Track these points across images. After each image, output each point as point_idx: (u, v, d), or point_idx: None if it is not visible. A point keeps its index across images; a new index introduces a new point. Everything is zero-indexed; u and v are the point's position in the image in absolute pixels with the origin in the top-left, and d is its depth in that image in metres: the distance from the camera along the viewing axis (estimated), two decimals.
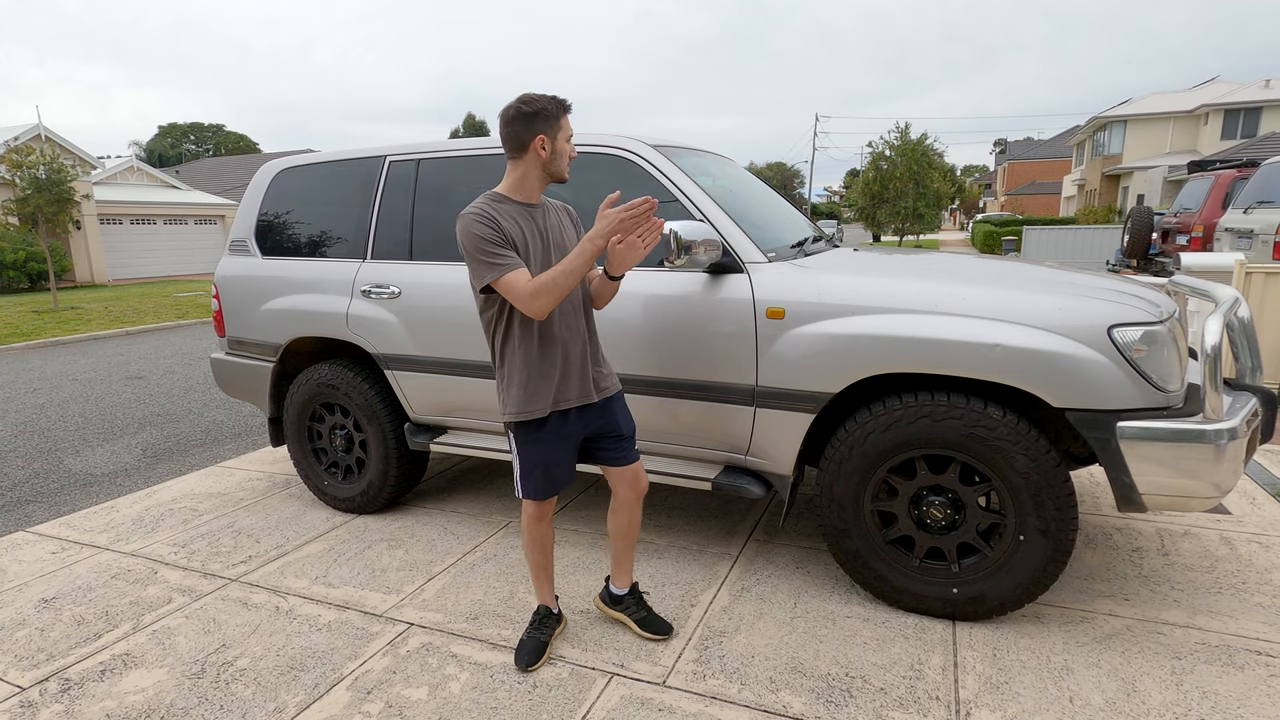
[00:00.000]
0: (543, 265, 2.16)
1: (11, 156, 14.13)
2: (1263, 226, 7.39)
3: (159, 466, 4.70)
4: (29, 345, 10.20)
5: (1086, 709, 2.06)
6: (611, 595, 2.57)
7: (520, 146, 2.12)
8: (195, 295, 16.86)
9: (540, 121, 2.09)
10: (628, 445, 2.38)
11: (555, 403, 2.21)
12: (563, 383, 2.22)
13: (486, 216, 2.06)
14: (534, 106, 2.08)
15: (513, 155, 2.15)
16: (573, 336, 2.22)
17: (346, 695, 2.26)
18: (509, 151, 2.14)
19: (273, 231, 3.73)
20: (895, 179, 24.18)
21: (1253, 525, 3.18)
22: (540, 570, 2.45)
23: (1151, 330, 2.20)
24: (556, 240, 2.22)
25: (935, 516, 2.47)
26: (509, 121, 2.10)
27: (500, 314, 2.16)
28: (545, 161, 2.14)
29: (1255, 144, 20.54)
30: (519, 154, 2.13)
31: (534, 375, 2.18)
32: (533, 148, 2.11)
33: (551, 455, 2.26)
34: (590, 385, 2.28)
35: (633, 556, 2.54)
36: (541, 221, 2.20)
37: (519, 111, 2.08)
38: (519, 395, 2.19)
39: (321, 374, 3.55)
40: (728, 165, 3.56)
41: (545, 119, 2.09)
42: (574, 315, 2.23)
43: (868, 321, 2.42)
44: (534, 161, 2.14)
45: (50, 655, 2.53)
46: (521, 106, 2.08)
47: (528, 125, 2.09)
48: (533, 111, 2.08)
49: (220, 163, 39.10)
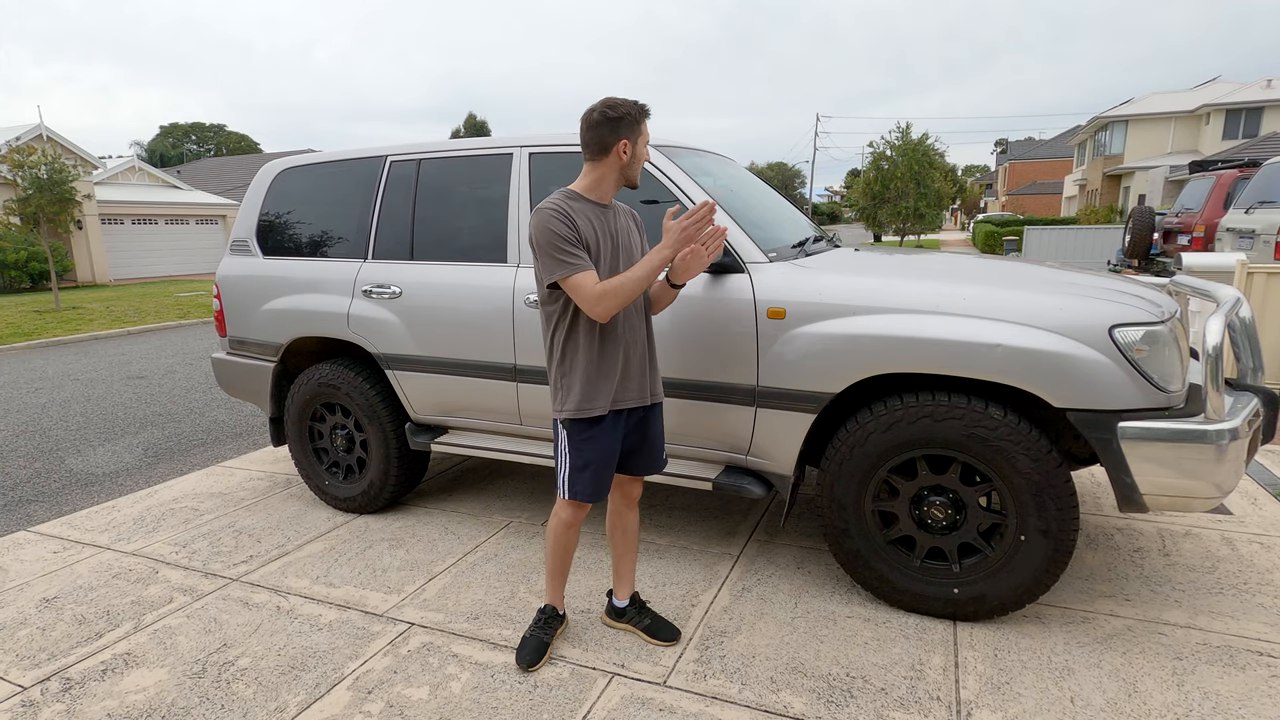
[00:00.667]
0: (610, 268, 2.18)
1: (13, 156, 14.14)
2: (1264, 226, 7.39)
3: (160, 466, 4.70)
4: (30, 345, 10.21)
5: (1088, 709, 2.06)
6: (615, 609, 2.57)
7: (603, 149, 2.14)
8: (196, 295, 16.87)
9: (625, 126, 2.12)
10: (660, 455, 2.41)
11: (615, 402, 2.22)
12: (623, 383, 2.23)
13: (564, 214, 2.08)
14: (619, 111, 2.11)
15: (593, 157, 2.17)
16: (634, 338, 2.25)
17: (347, 695, 2.26)
18: (590, 153, 2.17)
19: (274, 231, 3.74)
20: (896, 179, 24.15)
21: (1254, 526, 3.18)
22: (559, 573, 2.45)
23: (1153, 330, 2.20)
24: (624, 244, 2.24)
25: (936, 517, 2.47)
26: (594, 125, 2.13)
27: (564, 311, 2.17)
28: (624, 165, 2.17)
29: (1257, 144, 20.52)
30: (600, 156, 2.16)
31: (596, 374, 2.18)
32: (615, 151, 2.14)
33: (606, 456, 2.26)
34: (647, 388, 2.31)
35: (634, 567, 2.55)
36: (612, 224, 2.22)
37: (604, 116, 2.11)
38: (579, 392, 2.18)
39: (322, 374, 3.55)
40: (728, 165, 3.56)
41: (629, 124, 2.13)
42: (636, 317, 2.26)
43: (869, 321, 2.42)
44: (614, 164, 2.16)
45: (51, 655, 2.53)
46: (607, 111, 2.11)
47: (613, 129, 2.12)
48: (618, 116, 2.11)
49: (221, 163, 39.11)
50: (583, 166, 2.21)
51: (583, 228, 2.11)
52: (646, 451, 2.38)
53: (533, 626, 2.45)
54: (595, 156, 2.16)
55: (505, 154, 3.15)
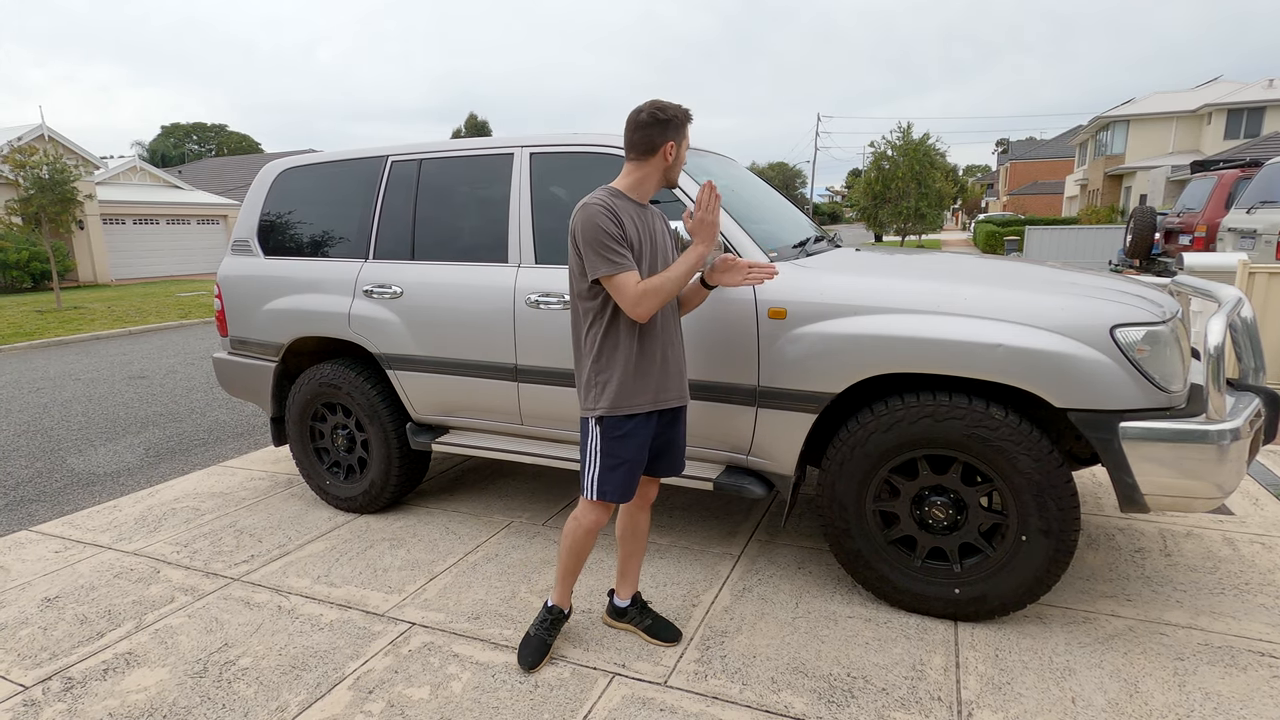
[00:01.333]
0: (650, 268, 2.20)
1: (15, 156, 14.16)
2: (1266, 226, 7.38)
3: (161, 466, 4.71)
4: (32, 345, 10.22)
5: (1089, 710, 2.06)
6: (616, 609, 2.57)
7: (650, 150, 2.16)
8: (198, 295, 16.89)
9: (672, 129, 2.15)
10: (682, 456, 2.43)
11: (656, 401, 2.23)
12: (662, 381, 2.24)
13: (612, 212, 2.09)
14: (668, 114, 2.14)
15: (639, 157, 2.18)
16: (669, 338, 2.27)
17: (348, 695, 2.26)
18: (635, 154, 2.18)
19: (275, 231, 3.74)
20: (897, 179, 24.15)
21: (1255, 526, 3.18)
22: (571, 574, 2.43)
23: (1154, 330, 2.20)
24: (660, 245, 2.27)
25: (937, 517, 2.47)
26: (642, 126, 2.15)
27: (604, 308, 2.16)
28: (668, 167, 2.20)
29: (1258, 144, 20.48)
30: (647, 156, 2.17)
31: (636, 371, 2.18)
32: (661, 152, 2.16)
33: (641, 454, 2.24)
34: (685, 388, 2.33)
35: (639, 568, 2.55)
36: (651, 223, 2.25)
37: (654, 117, 2.14)
38: (616, 389, 2.17)
39: (323, 374, 3.55)
40: (729, 165, 3.56)
41: (676, 127, 2.16)
42: (672, 317, 2.28)
43: (870, 321, 2.42)
44: (658, 165, 2.19)
45: (53, 654, 2.54)
46: (656, 113, 2.14)
47: (661, 131, 2.14)
48: (666, 119, 2.14)
49: (223, 163, 39.14)
50: (625, 167, 2.23)
51: (628, 226, 2.12)
52: (672, 453, 2.39)
53: (536, 625, 2.44)
54: (641, 156, 2.17)
55: (506, 154, 3.15)
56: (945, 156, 24.85)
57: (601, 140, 2.97)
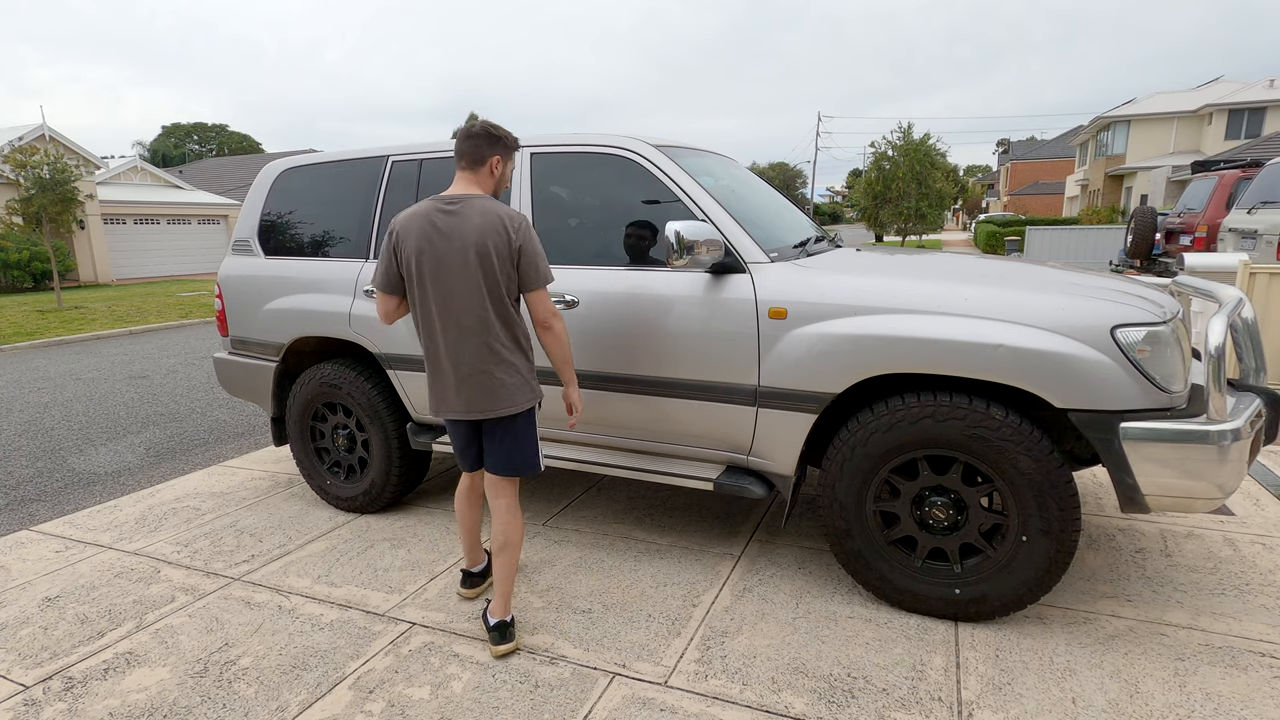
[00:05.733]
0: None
1: (16, 157, 14.16)
2: (1267, 227, 7.37)
3: (162, 466, 4.71)
4: (33, 345, 10.22)
5: (1089, 710, 2.06)
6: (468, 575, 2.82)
7: (478, 161, 2.36)
8: (198, 295, 16.90)
9: (500, 147, 2.38)
10: None
11: None
12: None
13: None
14: (499, 133, 2.37)
15: (467, 167, 2.37)
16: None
17: (348, 694, 2.26)
18: (464, 163, 2.36)
19: (276, 231, 3.74)
20: (898, 179, 24.14)
21: (1256, 526, 3.18)
22: None
23: (1155, 331, 2.20)
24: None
25: (937, 517, 2.47)
26: (473, 137, 2.35)
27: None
28: (494, 181, 2.43)
29: (1259, 144, 20.48)
30: (475, 167, 2.37)
31: None
32: (489, 165, 2.38)
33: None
34: None
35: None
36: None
37: (485, 131, 2.35)
38: (534, 379, 2.42)
39: (324, 373, 3.55)
40: (730, 165, 3.56)
41: (505, 147, 2.39)
42: None
43: (870, 322, 2.42)
44: (485, 178, 2.41)
45: (53, 654, 2.54)
46: (489, 129, 2.36)
47: (490, 145, 2.36)
48: (498, 136, 2.37)
49: (223, 163, 39.16)
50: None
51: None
52: None
53: None
54: (470, 167, 2.37)
55: None
56: (946, 156, 24.85)
57: (601, 140, 2.97)
